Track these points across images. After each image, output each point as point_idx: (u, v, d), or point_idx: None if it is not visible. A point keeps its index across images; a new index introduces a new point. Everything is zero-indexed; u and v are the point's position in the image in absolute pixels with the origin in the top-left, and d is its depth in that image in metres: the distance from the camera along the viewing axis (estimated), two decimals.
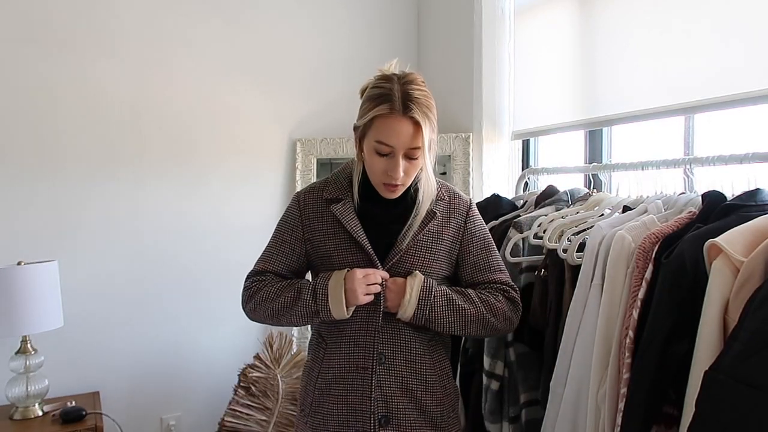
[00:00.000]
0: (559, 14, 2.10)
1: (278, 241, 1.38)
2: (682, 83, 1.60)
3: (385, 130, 1.19)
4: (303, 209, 1.36)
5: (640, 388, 1.05)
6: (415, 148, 1.20)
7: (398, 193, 1.28)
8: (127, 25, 2.30)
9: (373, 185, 1.30)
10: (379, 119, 1.19)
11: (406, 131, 1.18)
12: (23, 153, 2.15)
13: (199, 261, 2.43)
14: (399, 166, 1.20)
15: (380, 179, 1.25)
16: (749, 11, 1.43)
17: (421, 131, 1.18)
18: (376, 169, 1.24)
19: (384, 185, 1.26)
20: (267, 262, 1.37)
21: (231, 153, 2.50)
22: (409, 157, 1.22)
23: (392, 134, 1.18)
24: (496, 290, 1.35)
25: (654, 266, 1.11)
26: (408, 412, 1.29)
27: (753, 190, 1.13)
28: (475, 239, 1.37)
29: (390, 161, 1.21)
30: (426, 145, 1.21)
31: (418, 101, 1.18)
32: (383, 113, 1.18)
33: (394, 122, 1.18)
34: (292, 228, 1.36)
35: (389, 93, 1.18)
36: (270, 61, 2.56)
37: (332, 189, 1.35)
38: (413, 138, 1.19)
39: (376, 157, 1.22)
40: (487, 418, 1.62)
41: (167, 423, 2.41)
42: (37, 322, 1.92)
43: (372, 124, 1.21)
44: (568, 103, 2.06)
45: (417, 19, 2.85)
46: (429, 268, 1.32)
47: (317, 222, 1.34)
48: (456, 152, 2.43)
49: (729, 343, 0.83)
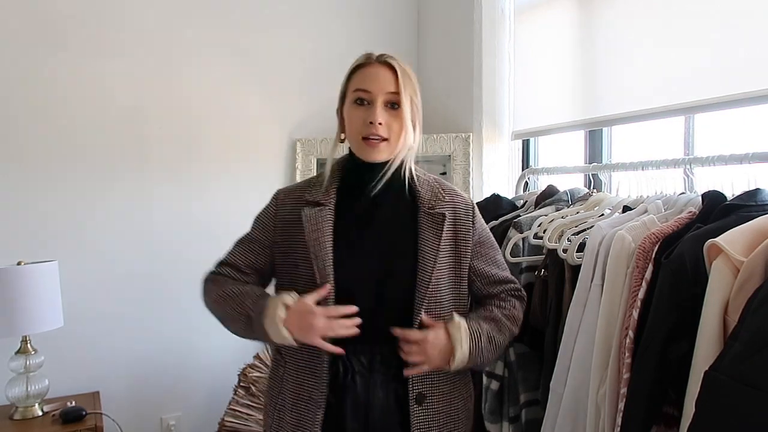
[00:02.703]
0: (559, 14, 2.10)
1: (248, 237, 1.31)
2: (682, 83, 1.60)
3: (362, 78, 1.19)
4: (279, 210, 1.27)
5: (640, 388, 1.05)
6: (395, 93, 1.17)
7: (380, 151, 1.18)
8: (132, 27, 2.30)
9: (355, 173, 1.23)
10: (357, 71, 1.21)
11: (383, 76, 1.18)
12: (24, 153, 2.15)
13: (199, 261, 2.40)
14: (377, 110, 1.16)
15: (360, 131, 1.18)
16: (749, 11, 1.43)
17: (398, 79, 1.17)
18: (355, 121, 1.18)
19: (363, 140, 1.18)
20: (233, 255, 1.31)
21: (231, 153, 2.50)
22: (390, 107, 1.18)
23: (369, 79, 1.18)
24: (510, 296, 1.30)
25: (654, 266, 1.11)
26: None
27: (753, 190, 1.13)
28: (485, 247, 1.30)
29: (369, 109, 1.17)
30: (407, 101, 1.18)
31: (395, 58, 1.21)
32: (360, 63, 1.22)
33: (371, 68, 1.20)
34: (263, 227, 1.29)
35: (367, 53, 1.23)
36: (270, 61, 2.56)
37: (315, 191, 1.25)
38: (392, 83, 1.17)
39: (356, 110, 1.19)
40: (487, 418, 1.62)
41: (167, 423, 2.41)
42: (37, 322, 1.92)
43: (350, 80, 1.22)
44: (568, 103, 2.06)
45: (417, 19, 2.85)
46: (456, 293, 1.24)
47: (291, 227, 1.24)
48: (456, 152, 2.43)
49: (729, 343, 0.83)
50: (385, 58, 1.20)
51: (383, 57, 1.20)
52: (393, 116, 1.18)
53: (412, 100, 1.19)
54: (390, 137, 1.18)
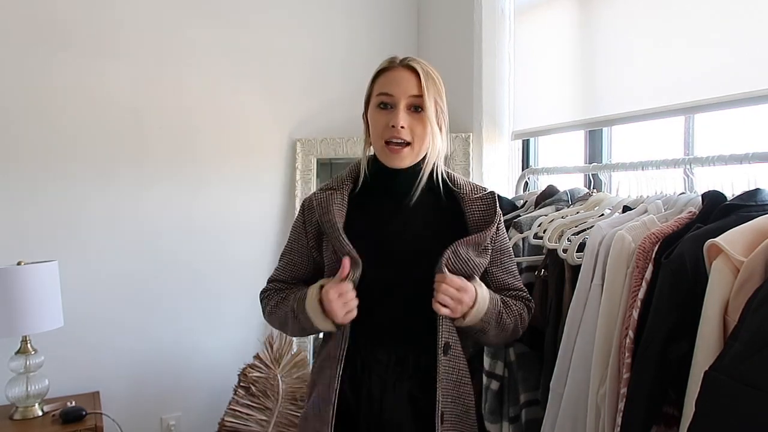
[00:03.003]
0: (559, 14, 2.10)
1: (287, 249, 1.35)
2: (682, 83, 1.60)
3: (385, 82, 1.20)
4: (306, 216, 1.30)
5: (640, 388, 1.05)
6: (418, 96, 1.17)
7: (404, 157, 1.19)
8: (131, 26, 2.30)
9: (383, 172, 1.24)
10: (380, 75, 1.22)
11: (406, 80, 1.18)
12: (24, 153, 2.15)
13: (200, 261, 2.43)
14: (399, 114, 1.16)
15: (382, 135, 1.19)
16: (749, 11, 1.43)
17: (422, 82, 1.17)
18: (378, 125, 1.19)
19: (386, 145, 1.18)
20: (278, 271, 1.36)
21: (231, 153, 2.50)
22: (413, 110, 1.18)
23: (392, 83, 1.19)
24: (520, 299, 1.30)
25: (654, 266, 1.11)
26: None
27: (753, 190, 1.13)
28: (504, 256, 1.31)
29: (391, 113, 1.18)
30: (430, 104, 1.17)
31: (418, 61, 1.22)
32: (384, 67, 1.23)
33: (394, 72, 1.20)
34: (297, 237, 1.33)
35: (391, 57, 1.24)
36: (270, 61, 2.56)
37: (333, 182, 1.28)
38: (414, 86, 1.17)
39: (379, 113, 1.20)
40: (487, 418, 1.62)
41: (167, 423, 2.41)
42: (37, 322, 1.92)
43: (375, 83, 1.23)
44: (568, 103, 2.06)
45: (417, 20, 2.85)
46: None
47: (317, 226, 1.27)
48: (456, 152, 2.43)
49: (729, 343, 0.83)
50: (408, 62, 1.20)
51: (406, 60, 1.21)
52: (416, 119, 1.18)
53: (436, 102, 1.19)
54: (413, 141, 1.19)
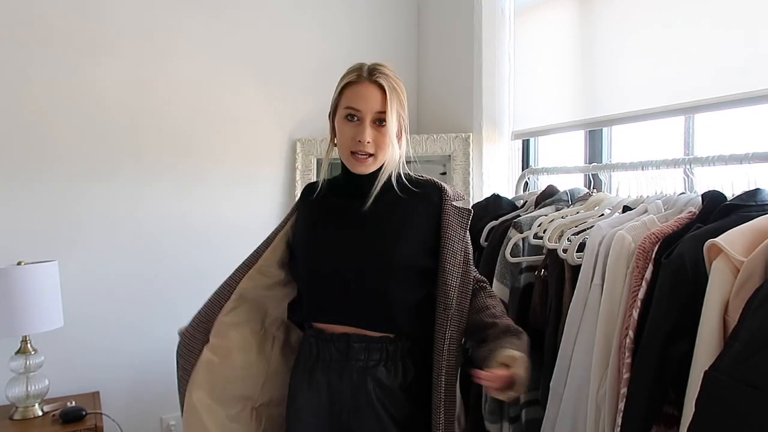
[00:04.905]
0: (559, 14, 2.10)
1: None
2: (682, 83, 1.60)
3: (353, 96, 1.25)
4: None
5: (640, 388, 1.06)
6: (382, 112, 1.23)
7: (367, 166, 1.27)
8: (126, 25, 2.30)
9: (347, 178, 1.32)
10: (347, 88, 1.26)
11: (373, 96, 1.23)
12: (23, 153, 2.15)
13: (200, 261, 2.42)
14: (366, 130, 1.23)
15: (349, 146, 1.26)
16: (749, 11, 1.43)
17: (387, 98, 1.23)
18: (345, 136, 1.26)
19: (352, 155, 1.26)
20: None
21: (231, 153, 2.50)
22: (377, 123, 1.25)
23: (359, 98, 1.24)
24: (482, 289, 1.35)
25: (654, 266, 1.11)
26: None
27: (753, 190, 1.13)
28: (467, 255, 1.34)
29: (358, 127, 1.24)
30: (393, 118, 1.24)
31: (384, 73, 1.25)
32: (351, 80, 1.26)
33: (361, 87, 1.24)
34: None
35: (358, 67, 1.27)
36: (270, 61, 2.55)
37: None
38: (380, 103, 1.23)
39: (346, 125, 1.26)
40: (487, 418, 1.62)
41: (167, 423, 2.41)
42: (37, 322, 1.92)
43: (342, 94, 1.27)
44: (568, 103, 2.06)
45: (417, 20, 2.85)
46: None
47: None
48: (456, 152, 2.43)
49: (729, 343, 0.83)
50: (375, 77, 1.24)
51: (374, 76, 1.24)
52: (380, 132, 1.25)
53: (398, 114, 1.27)
54: (376, 152, 1.27)
